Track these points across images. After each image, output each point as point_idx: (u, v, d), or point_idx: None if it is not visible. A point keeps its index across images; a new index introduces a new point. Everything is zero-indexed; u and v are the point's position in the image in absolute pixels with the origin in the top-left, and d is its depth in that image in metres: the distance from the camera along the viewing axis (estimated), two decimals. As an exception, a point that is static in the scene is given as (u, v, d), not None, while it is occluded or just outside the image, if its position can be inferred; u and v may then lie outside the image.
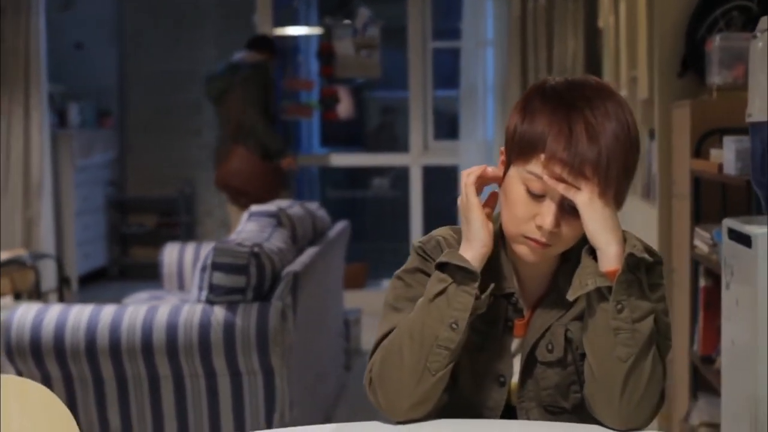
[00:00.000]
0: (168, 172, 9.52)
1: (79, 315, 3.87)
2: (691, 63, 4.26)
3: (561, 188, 1.80)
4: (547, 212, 1.83)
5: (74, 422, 1.75)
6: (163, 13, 9.50)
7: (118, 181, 9.55)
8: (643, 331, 1.79)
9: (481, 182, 1.93)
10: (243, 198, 7.04)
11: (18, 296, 5.77)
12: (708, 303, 3.71)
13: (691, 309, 3.92)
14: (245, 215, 4.69)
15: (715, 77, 3.85)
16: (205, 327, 3.79)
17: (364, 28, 7.70)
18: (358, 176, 9.61)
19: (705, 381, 3.78)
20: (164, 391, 3.88)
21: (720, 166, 3.36)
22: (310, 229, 4.94)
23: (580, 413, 1.91)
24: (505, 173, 1.90)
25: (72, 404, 3.89)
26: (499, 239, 1.94)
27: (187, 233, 9.25)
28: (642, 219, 4.86)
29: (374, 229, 9.54)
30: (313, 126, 8.83)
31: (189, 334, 3.79)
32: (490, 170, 1.93)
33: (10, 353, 3.85)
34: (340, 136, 9.33)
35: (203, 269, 3.93)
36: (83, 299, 7.63)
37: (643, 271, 1.82)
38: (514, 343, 1.96)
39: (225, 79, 7.22)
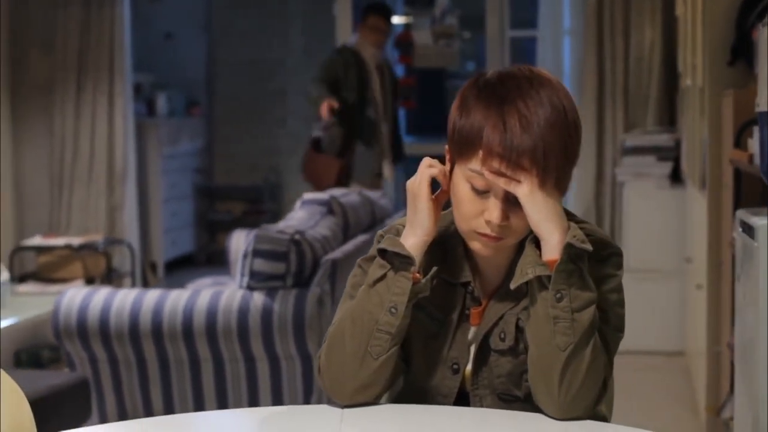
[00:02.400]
0: (254, 160, 9.66)
1: (123, 299, 3.98)
2: (741, 52, 4.19)
3: (502, 183, 1.81)
4: (494, 207, 1.84)
5: (23, 397, 1.80)
6: (251, 3, 9.63)
7: (206, 169, 9.72)
8: (582, 320, 1.79)
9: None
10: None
11: (91, 281, 5.93)
12: (745, 295, 3.65)
13: (732, 301, 3.87)
14: (298, 203, 4.76)
15: (760, 66, 3.78)
16: (243, 312, 3.87)
17: (442, 17, 7.71)
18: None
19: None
20: (205, 373, 3.96)
21: (751, 157, 3.31)
22: (368, 217, 4.97)
23: (533, 402, 1.91)
24: (451, 172, 1.91)
25: (117, 384, 4.00)
26: (456, 229, 1.96)
27: (273, 221, 9.34)
28: (698, 209, 4.81)
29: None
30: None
31: (228, 318, 3.87)
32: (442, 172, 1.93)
33: (59, 335, 3.97)
34: (422, 125, 9.35)
35: (245, 256, 4.00)
36: (168, 285, 7.80)
37: (585, 261, 1.82)
38: (471, 332, 1.97)
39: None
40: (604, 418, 2.05)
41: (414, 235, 1.90)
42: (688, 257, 5.48)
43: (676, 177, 6.25)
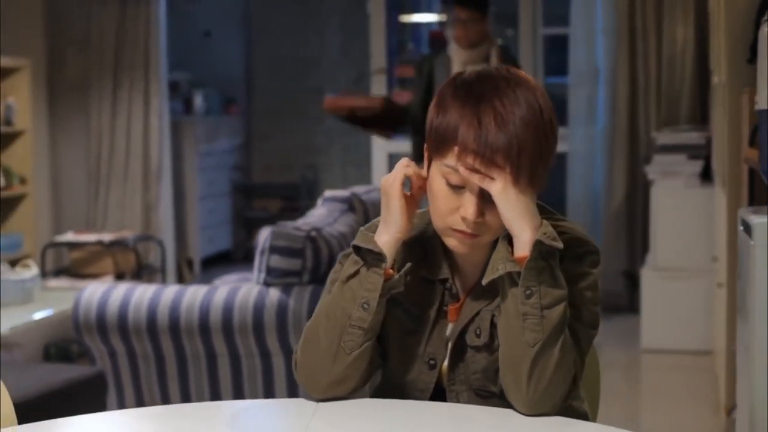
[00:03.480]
0: (292, 158, 9.72)
1: (142, 295, 4.03)
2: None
3: (476, 179, 1.84)
4: (469, 204, 1.86)
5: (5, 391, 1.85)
6: (289, 1, 9.68)
7: (243, 167, 9.79)
8: (551, 317, 1.81)
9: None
10: None
11: (121, 276, 6.01)
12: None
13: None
14: (320, 200, 4.79)
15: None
16: (259, 308, 3.91)
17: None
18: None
19: None
20: (221, 369, 4.00)
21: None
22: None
23: (509, 398, 1.93)
24: (428, 170, 1.93)
25: (136, 378, 4.06)
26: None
27: (309, 218, 9.40)
28: (720, 208, 4.78)
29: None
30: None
31: (244, 314, 3.91)
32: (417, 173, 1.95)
33: (78, 329, 4.03)
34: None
35: (262, 252, 4.04)
36: (202, 281, 7.87)
37: (556, 259, 1.83)
38: (449, 328, 1.99)
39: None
40: (585, 415, 2.07)
41: (387, 232, 1.93)
42: (714, 256, 5.46)
43: (707, 175, 6.21)
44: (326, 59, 9.67)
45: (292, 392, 3.99)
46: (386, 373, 2.01)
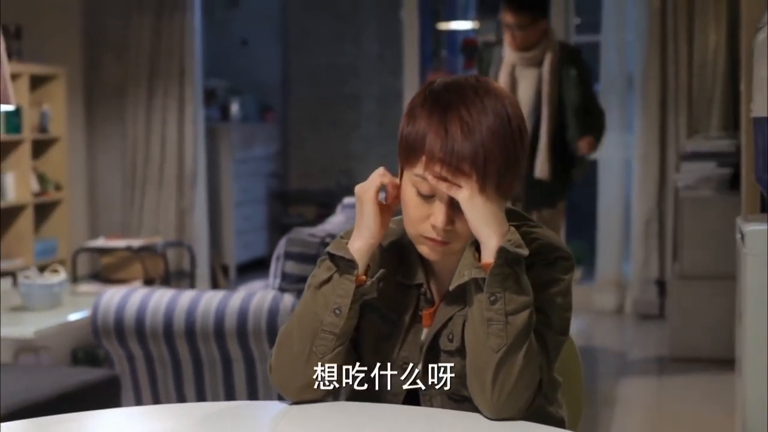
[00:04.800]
0: (328, 165, 9.78)
1: (159, 300, 4.08)
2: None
3: (443, 187, 1.87)
4: (438, 212, 1.90)
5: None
6: (325, 9, 9.75)
7: (280, 173, 9.86)
8: (516, 324, 1.83)
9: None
10: None
11: (150, 282, 6.08)
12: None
13: None
14: (339, 207, 4.83)
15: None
16: (273, 313, 3.95)
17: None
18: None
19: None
20: (236, 373, 4.05)
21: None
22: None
23: (482, 402, 1.95)
24: (401, 179, 1.97)
25: (153, 382, 4.11)
26: None
27: (344, 225, 9.45)
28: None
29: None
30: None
31: (258, 319, 3.95)
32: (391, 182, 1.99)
33: (97, 333, 4.09)
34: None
35: (277, 258, 4.09)
36: (236, 287, 7.94)
37: (522, 265, 1.86)
38: (424, 333, 2.02)
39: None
40: (561, 421, 2.09)
41: (360, 238, 1.96)
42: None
43: (736, 183, 6.18)
44: (362, 66, 9.73)
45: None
46: (361, 374, 2.04)
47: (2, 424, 1.88)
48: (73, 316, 5.16)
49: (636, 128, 7.20)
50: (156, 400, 4.13)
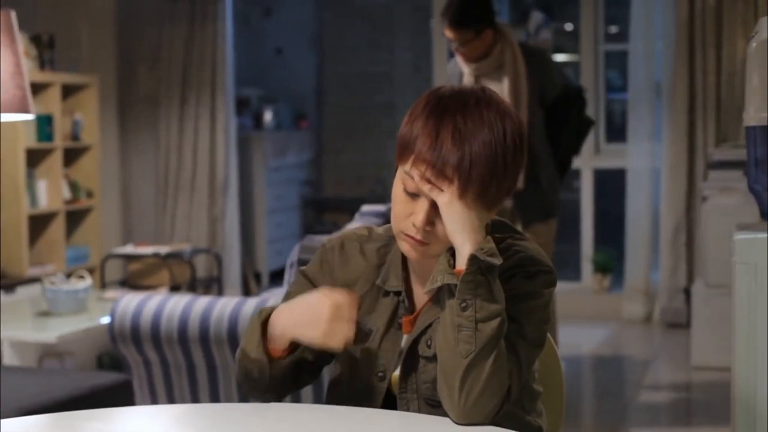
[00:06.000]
0: (362, 173, 9.84)
1: (174, 306, 4.14)
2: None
3: (426, 188, 1.91)
4: (420, 210, 1.94)
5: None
6: (359, 18, 9.81)
7: (314, 181, 9.93)
8: (486, 331, 1.86)
9: None
10: None
11: (176, 288, 6.16)
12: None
13: None
14: (357, 215, 4.86)
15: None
16: (285, 320, 3.99)
17: (536, 31, 7.73)
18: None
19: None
20: (249, 379, 4.10)
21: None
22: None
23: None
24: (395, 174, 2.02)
25: (169, 387, 4.18)
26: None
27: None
28: None
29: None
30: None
31: (270, 326, 4.00)
32: None
33: (114, 338, 4.16)
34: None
35: (291, 265, 4.13)
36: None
37: (494, 274, 1.89)
38: (404, 339, 2.06)
39: None
40: (539, 430, 2.11)
41: (293, 323, 2.00)
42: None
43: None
44: (396, 75, 9.78)
45: (318, 398, 4.07)
46: (338, 381, 2.09)
47: (18, 418, 1.93)
48: (97, 322, 5.24)
49: (664, 137, 7.19)
50: (171, 404, 4.19)
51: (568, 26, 7.77)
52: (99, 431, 1.84)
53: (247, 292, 8.29)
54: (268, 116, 9.32)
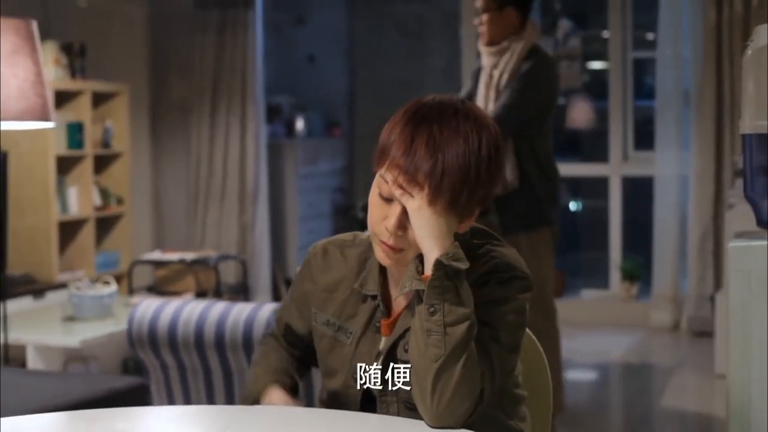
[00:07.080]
0: (393, 181, 9.85)
1: (191, 311, 4.20)
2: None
3: (397, 193, 1.95)
4: (392, 215, 1.97)
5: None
6: (392, 25, 9.85)
7: (346, 189, 9.97)
8: (455, 335, 1.89)
9: None
10: None
11: (202, 294, 6.21)
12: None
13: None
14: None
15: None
16: (299, 325, 4.04)
17: (565, 39, 7.74)
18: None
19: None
20: (264, 384, 4.15)
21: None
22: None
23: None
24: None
25: (185, 391, 4.23)
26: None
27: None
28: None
29: (573, 239, 9.47)
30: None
31: (284, 331, 4.05)
32: None
33: (132, 343, 4.23)
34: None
35: (306, 271, 4.18)
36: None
37: (461, 279, 1.92)
38: (383, 342, 2.10)
39: None
40: (521, 433, 2.15)
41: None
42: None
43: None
44: (428, 82, 9.80)
45: (309, 401, 4.11)
46: (323, 382, 2.15)
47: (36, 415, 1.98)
48: (122, 327, 5.30)
49: (692, 144, 7.17)
50: (188, 409, 4.25)
51: (605, 34, 7.77)
52: (110, 429, 1.88)
53: (277, 298, 8.35)
54: (300, 124, 9.37)
